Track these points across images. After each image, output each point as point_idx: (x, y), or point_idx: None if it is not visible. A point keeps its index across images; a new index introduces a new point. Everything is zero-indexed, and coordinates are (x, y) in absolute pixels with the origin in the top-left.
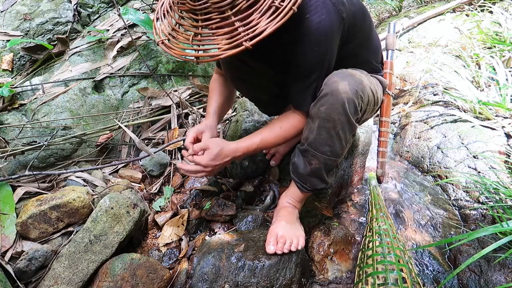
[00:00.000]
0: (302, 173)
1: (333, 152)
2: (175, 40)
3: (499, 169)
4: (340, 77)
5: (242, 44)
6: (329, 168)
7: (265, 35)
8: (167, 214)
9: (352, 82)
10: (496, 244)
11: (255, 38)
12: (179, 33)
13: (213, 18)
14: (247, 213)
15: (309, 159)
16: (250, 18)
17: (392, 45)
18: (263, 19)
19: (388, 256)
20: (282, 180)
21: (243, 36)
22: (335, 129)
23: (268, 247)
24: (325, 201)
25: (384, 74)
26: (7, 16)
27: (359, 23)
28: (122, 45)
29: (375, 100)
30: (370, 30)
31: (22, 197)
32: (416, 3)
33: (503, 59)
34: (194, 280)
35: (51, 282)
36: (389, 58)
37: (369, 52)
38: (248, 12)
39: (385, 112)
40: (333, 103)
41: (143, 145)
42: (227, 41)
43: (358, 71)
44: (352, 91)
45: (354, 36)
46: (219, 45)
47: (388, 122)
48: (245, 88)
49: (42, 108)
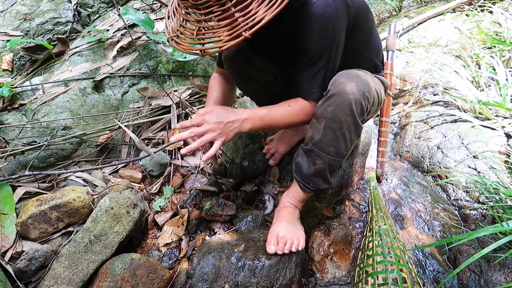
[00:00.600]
0: (305, 173)
1: (338, 152)
2: (183, 36)
3: (499, 169)
4: (347, 78)
5: (241, 35)
6: (333, 168)
7: (263, 23)
8: (167, 214)
9: (359, 83)
10: (496, 244)
11: (254, 27)
12: (186, 29)
13: (215, 11)
14: (247, 213)
15: (313, 159)
16: (249, 8)
17: (392, 46)
18: (262, 8)
19: (388, 256)
20: (282, 180)
21: (243, 26)
22: (341, 129)
23: (269, 247)
24: (325, 201)
25: (385, 75)
26: (7, 16)
27: (363, 19)
28: (122, 45)
29: (379, 100)
30: (372, 28)
31: (22, 197)
32: (416, 3)
33: (503, 59)
34: (194, 280)
35: (51, 282)
36: (390, 59)
37: (371, 50)
38: (247, 2)
39: (385, 112)
40: (340, 104)
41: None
42: (227, 32)
43: (363, 72)
44: (359, 92)
45: (357, 31)
46: (220, 37)
47: (388, 122)
48: (247, 86)
49: (42, 108)
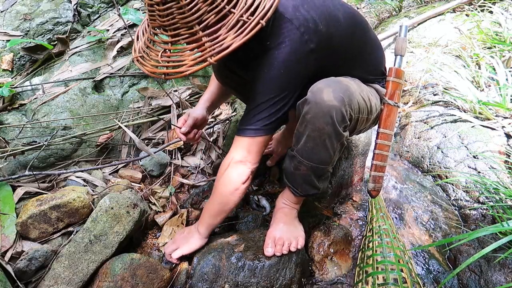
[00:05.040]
0: (292, 178)
1: (321, 160)
2: (148, 57)
3: (499, 169)
4: (324, 84)
5: (206, 60)
6: (319, 174)
7: (230, 50)
8: (167, 214)
9: (337, 89)
10: (496, 244)
11: (220, 54)
12: (152, 50)
13: (182, 34)
14: (247, 213)
15: (296, 165)
16: (218, 33)
17: (400, 50)
18: (230, 34)
19: (388, 256)
20: (282, 180)
21: (209, 51)
22: (321, 138)
23: (266, 249)
24: (325, 201)
25: (386, 83)
26: (7, 16)
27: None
28: (122, 45)
29: (368, 108)
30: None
31: (22, 197)
32: (416, 3)
33: (503, 59)
34: (194, 280)
35: (51, 282)
36: (396, 64)
37: (360, 68)
38: (216, 27)
39: (384, 123)
40: (318, 112)
41: (143, 145)
42: (193, 56)
43: (346, 78)
44: (337, 99)
45: (337, 57)
46: (185, 61)
47: (386, 134)
48: (236, 93)
49: (42, 108)
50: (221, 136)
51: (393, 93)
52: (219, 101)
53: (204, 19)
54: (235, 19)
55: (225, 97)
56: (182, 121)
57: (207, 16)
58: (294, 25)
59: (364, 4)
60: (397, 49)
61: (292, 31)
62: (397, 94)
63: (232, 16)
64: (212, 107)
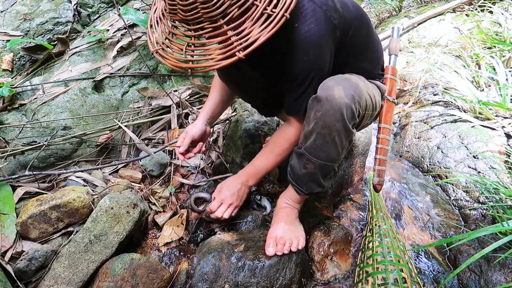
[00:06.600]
0: (298, 176)
1: (329, 157)
2: (170, 49)
3: (499, 169)
4: (335, 82)
5: (235, 55)
6: (326, 172)
7: (258, 44)
8: (167, 214)
9: (347, 86)
10: (496, 244)
11: (248, 48)
12: (173, 42)
13: (206, 28)
14: (247, 213)
15: (304, 162)
16: (243, 26)
17: (394, 49)
18: (256, 27)
19: (388, 256)
20: (282, 180)
21: (236, 46)
22: (330, 135)
23: (268, 249)
24: (325, 201)
25: (384, 80)
26: (7, 16)
27: (354, 32)
28: (122, 45)
29: (373, 105)
30: (368, 40)
31: (22, 197)
32: (416, 3)
33: (503, 59)
34: (194, 280)
35: (51, 282)
36: (392, 63)
37: (366, 62)
38: (240, 20)
39: (384, 118)
40: (329, 109)
41: (143, 145)
42: (220, 51)
43: (354, 76)
44: (348, 96)
45: (348, 45)
46: (212, 55)
47: (387, 129)
48: (239, 91)
49: (42, 108)
50: (221, 136)
51: (391, 90)
52: (221, 110)
53: (228, 12)
54: (259, 12)
55: (227, 103)
56: (181, 140)
57: (230, 10)
58: (316, 3)
59: (364, 4)
60: (391, 49)
61: (316, 10)
62: (394, 91)
63: (256, 8)
64: (212, 118)
